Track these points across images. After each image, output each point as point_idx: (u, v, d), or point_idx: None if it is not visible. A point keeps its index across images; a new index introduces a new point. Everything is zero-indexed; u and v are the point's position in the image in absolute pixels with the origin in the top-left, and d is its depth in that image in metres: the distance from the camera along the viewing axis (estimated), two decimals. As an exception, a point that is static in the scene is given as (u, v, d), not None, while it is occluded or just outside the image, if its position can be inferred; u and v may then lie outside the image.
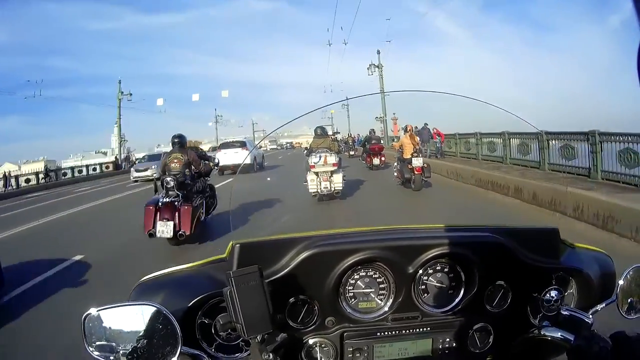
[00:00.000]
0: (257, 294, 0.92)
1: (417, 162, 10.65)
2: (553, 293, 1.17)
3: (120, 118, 42.61)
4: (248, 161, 17.02)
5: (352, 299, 1.13)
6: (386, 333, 1.15)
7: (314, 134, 11.03)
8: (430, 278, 1.16)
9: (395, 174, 11.99)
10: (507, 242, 1.15)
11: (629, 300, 1.13)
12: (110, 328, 0.89)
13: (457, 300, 1.17)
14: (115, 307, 0.90)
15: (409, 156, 10.91)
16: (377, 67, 38.08)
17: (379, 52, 38.44)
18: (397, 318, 1.14)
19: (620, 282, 1.12)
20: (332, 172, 9.81)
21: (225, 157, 15.61)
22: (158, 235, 6.33)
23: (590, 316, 1.07)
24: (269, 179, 14.23)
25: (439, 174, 13.87)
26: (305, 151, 11.16)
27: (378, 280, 1.13)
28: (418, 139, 12.37)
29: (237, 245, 1.07)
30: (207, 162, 7.90)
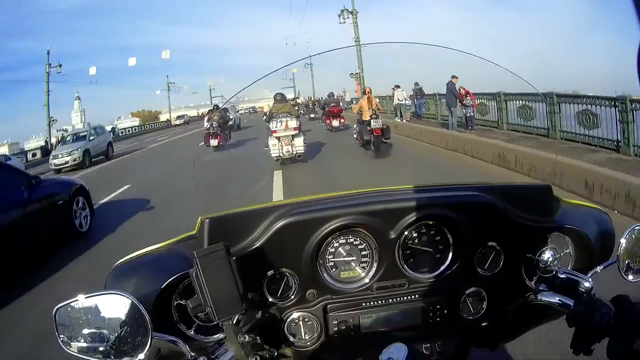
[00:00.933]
0: (225, 273, 0.88)
1: (376, 123, 10.78)
2: (548, 254, 1.13)
3: (48, 94, 37.41)
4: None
5: (333, 269, 1.09)
6: (372, 303, 1.11)
7: (273, 99, 11.23)
8: (415, 242, 1.11)
9: (355, 136, 12.18)
10: (496, 201, 1.10)
11: (630, 261, 1.06)
12: (82, 320, 0.85)
13: (445, 264, 1.12)
14: (87, 297, 0.86)
15: (367, 118, 11.05)
16: (351, 13, 32.04)
17: None
18: (382, 287, 1.10)
19: (622, 241, 1.03)
20: (293, 136, 10.13)
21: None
22: (210, 144, 12.51)
23: (590, 279, 1.00)
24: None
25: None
26: (265, 117, 11.38)
27: (359, 247, 1.09)
28: (377, 101, 12.51)
29: (207, 220, 1.02)
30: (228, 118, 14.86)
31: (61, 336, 0.83)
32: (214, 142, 12.60)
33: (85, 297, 0.84)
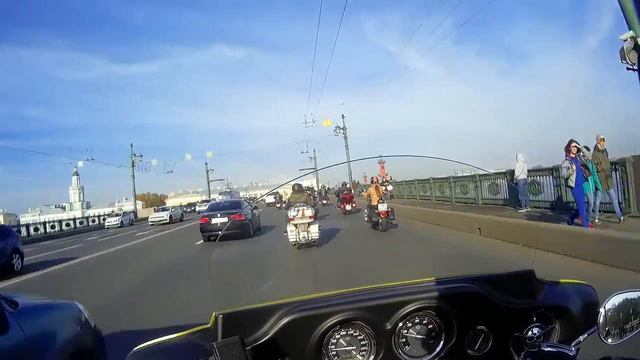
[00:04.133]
0: None
1: (383, 207, 12.78)
2: (535, 330, 1.19)
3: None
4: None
5: (335, 357, 1.18)
6: None
7: (292, 189, 12.80)
8: (410, 331, 1.20)
9: (366, 218, 14.18)
10: (482, 290, 1.21)
11: (610, 327, 1.13)
12: None
13: (438, 349, 1.21)
14: None
15: (375, 203, 13.13)
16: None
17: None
18: None
19: (601, 310, 1.12)
20: (309, 224, 11.05)
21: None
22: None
23: (573, 348, 1.11)
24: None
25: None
26: (284, 205, 12.84)
27: (359, 337, 1.18)
28: (383, 188, 14.85)
29: (220, 315, 1.13)
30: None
31: None
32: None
33: None
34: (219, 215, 14.97)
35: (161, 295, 7.47)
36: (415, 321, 1.22)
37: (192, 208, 54.57)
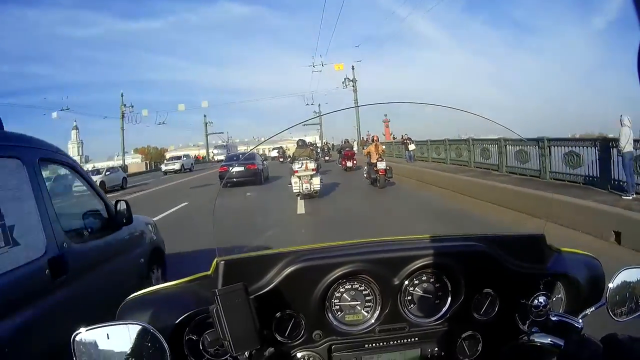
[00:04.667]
0: (243, 311, 0.96)
1: (381, 165, 13.36)
2: (541, 299, 1.17)
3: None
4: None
5: (339, 312, 1.15)
6: (374, 344, 1.16)
7: (296, 144, 13.83)
8: (416, 289, 1.18)
9: (365, 175, 14.82)
10: (491, 251, 1.18)
11: (619, 303, 1.12)
12: (99, 348, 0.88)
13: (444, 309, 1.19)
14: (103, 326, 0.89)
15: (374, 161, 13.69)
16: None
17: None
18: (384, 329, 1.16)
19: (610, 285, 1.11)
20: (312, 176, 12.12)
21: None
22: None
23: (580, 320, 1.08)
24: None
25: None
26: (289, 159, 13.76)
27: (364, 292, 1.15)
28: (383, 147, 15.35)
29: (222, 262, 1.10)
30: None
31: None
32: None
33: (100, 327, 0.89)
34: (236, 164, 17.06)
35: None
36: (423, 279, 1.19)
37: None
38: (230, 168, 17.15)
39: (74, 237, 2.74)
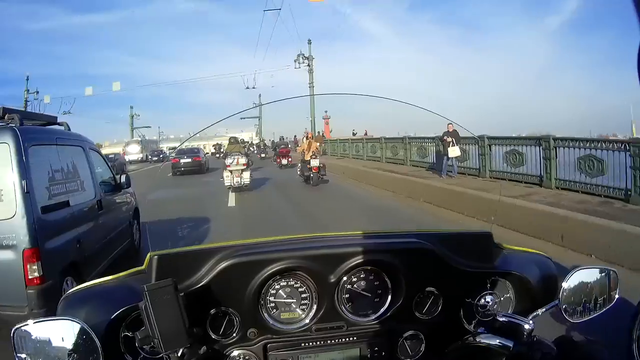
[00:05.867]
0: (172, 308, 0.93)
1: (315, 162, 13.40)
2: (488, 298, 1.16)
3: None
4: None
5: (274, 310, 1.12)
6: (311, 343, 1.14)
7: (228, 141, 14.54)
8: (354, 286, 1.14)
9: (298, 172, 14.77)
10: (434, 248, 1.14)
11: (573, 303, 1.10)
12: (37, 342, 0.90)
13: (383, 308, 1.16)
14: (41, 321, 0.90)
15: (308, 158, 13.67)
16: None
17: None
18: (321, 328, 1.13)
19: (564, 284, 1.09)
20: (242, 170, 12.70)
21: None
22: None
23: (531, 321, 1.04)
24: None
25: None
26: (218, 154, 14.46)
27: (300, 289, 1.12)
28: (317, 145, 15.34)
29: (155, 256, 1.06)
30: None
31: (19, 355, 0.89)
32: None
33: (39, 321, 0.90)
34: (185, 157, 21.68)
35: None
36: (361, 276, 1.15)
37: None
38: (180, 160, 21.22)
39: (104, 191, 5.18)
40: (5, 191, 3.39)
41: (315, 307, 1.13)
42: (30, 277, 3.34)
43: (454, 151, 11.44)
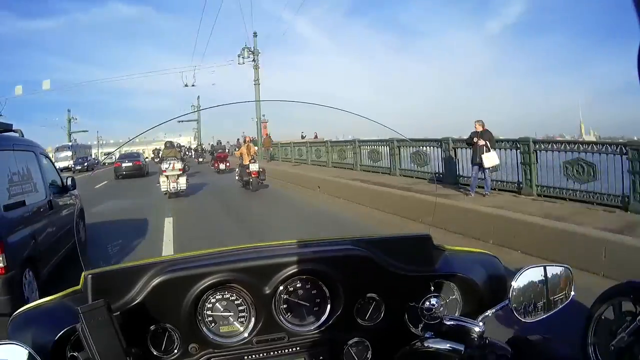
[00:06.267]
0: (107, 328, 0.91)
1: (254, 167, 12.96)
2: (433, 301, 1.15)
3: None
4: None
5: (212, 323, 1.11)
6: (254, 356, 1.12)
7: (164, 145, 14.26)
8: (291, 296, 1.13)
9: (237, 177, 14.24)
10: (370, 254, 1.14)
11: (525, 302, 1.08)
12: None
13: (324, 317, 1.14)
14: None
15: (247, 162, 13.17)
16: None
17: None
18: (262, 340, 1.12)
19: (514, 284, 1.07)
20: (179, 176, 12.39)
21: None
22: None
23: (480, 323, 1.03)
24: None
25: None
26: (157, 159, 14.08)
27: (236, 302, 1.11)
28: (255, 149, 14.80)
29: (89, 275, 1.05)
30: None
31: None
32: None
33: None
34: (127, 161, 22.51)
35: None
36: (298, 286, 1.14)
37: None
38: (122, 164, 22.12)
39: (53, 193, 5.46)
40: None
41: (253, 319, 1.12)
42: None
43: (490, 159, 8.16)
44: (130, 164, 22.46)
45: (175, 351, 1.10)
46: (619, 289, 2.51)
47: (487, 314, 1.08)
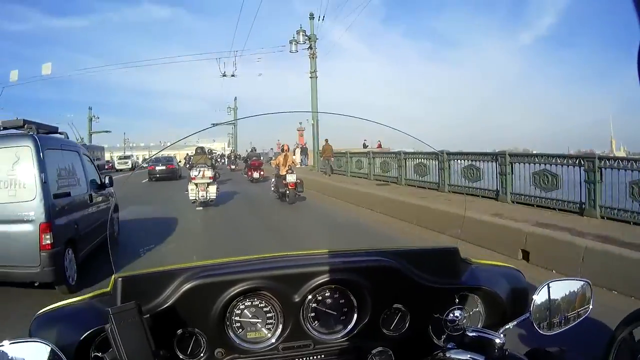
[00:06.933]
0: (137, 330, 0.93)
1: (291, 178, 11.84)
2: (457, 313, 1.16)
3: None
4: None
5: (240, 329, 1.13)
6: None
7: (195, 151, 13.32)
8: (320, 305, 1.14)
9: (272, 188, 13.12)
10: (399, 265, 1.14)
11: (545, 316, 1.10)
12: None
13: (350, 326, 1.16)
14: (16, 342, 0.92)
15: (284, 173, 12.12)
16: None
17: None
18: (288, 347, 1.13)
19: (535, 297, 1.08)
20: (209, 184, 11.66)
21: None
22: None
23: (502, 335, 1.03)
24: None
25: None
26: (188, 165, 12.99)
27: (265, 309, 1.12)
28: (293, 157, 13.82)
29: (120, 279, 1.07)
30: None
31: None
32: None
33: (14, 342, 0.90)
34: (160, 164, 23.34)
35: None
36: (326, 295, 1.15)
37: None
38: (155, 167, 22.96)
39: (93, 188, 6.35)
40: (28, 181, 4.59)
41: (281, 326, 1.13)
42: (44, 243, 4.52)
43: None
44: (164, 167, 23.41)
45: (201, 355, 1.11)
46: None
47: (508, 326, 1.09)
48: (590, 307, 1.15)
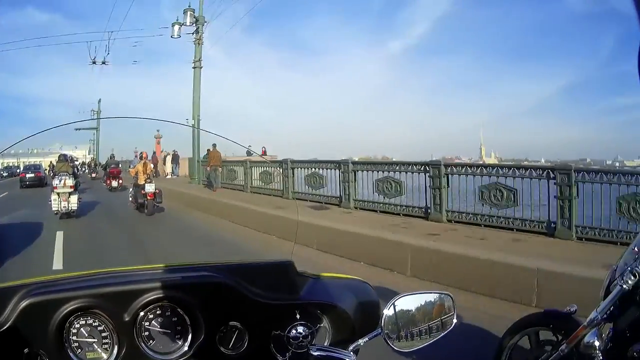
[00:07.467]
0: None
1: (150, 188, 11.67)
2: (300, 329, 1.13)
3: None
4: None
5: (79, 350, 1.09)
6: None
7: (57, 158, 13.18)
8: (152, 323, 1.11)
9: (130, 199, 12.84)
10: (229, 281, 1.12)
11: (397, 331, 1.07)
12: None
13: (186, 346, 1.12)
14: None
15: (142, 182, 11.93)
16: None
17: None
18: None
19: (386, 312, 1.06)
20: (70, 194, 11.29)
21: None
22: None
23: (351, 353, 1.03)
24: None
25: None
26: (52, 173, 12.93)
27: (99, 328, 1.09)
28: (152, 166, 13.45)
29: None
30: None
31: None
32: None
33: None
34: (30, 172, 26.11)
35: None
36: (158, 312, 1.11)
37: None
38: (26, 174, 25.61)
39: None
40: None
41: (117, 347, 1.09)
42: None
43: None
44: (33, 174, 26.08)
45: None
46: (535, 317, 2.46)
47: (359, 342, 1.09)
48: (455, 320, 1.13)
